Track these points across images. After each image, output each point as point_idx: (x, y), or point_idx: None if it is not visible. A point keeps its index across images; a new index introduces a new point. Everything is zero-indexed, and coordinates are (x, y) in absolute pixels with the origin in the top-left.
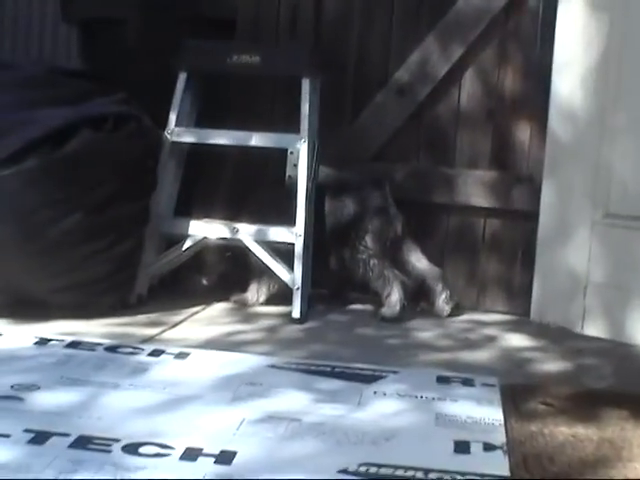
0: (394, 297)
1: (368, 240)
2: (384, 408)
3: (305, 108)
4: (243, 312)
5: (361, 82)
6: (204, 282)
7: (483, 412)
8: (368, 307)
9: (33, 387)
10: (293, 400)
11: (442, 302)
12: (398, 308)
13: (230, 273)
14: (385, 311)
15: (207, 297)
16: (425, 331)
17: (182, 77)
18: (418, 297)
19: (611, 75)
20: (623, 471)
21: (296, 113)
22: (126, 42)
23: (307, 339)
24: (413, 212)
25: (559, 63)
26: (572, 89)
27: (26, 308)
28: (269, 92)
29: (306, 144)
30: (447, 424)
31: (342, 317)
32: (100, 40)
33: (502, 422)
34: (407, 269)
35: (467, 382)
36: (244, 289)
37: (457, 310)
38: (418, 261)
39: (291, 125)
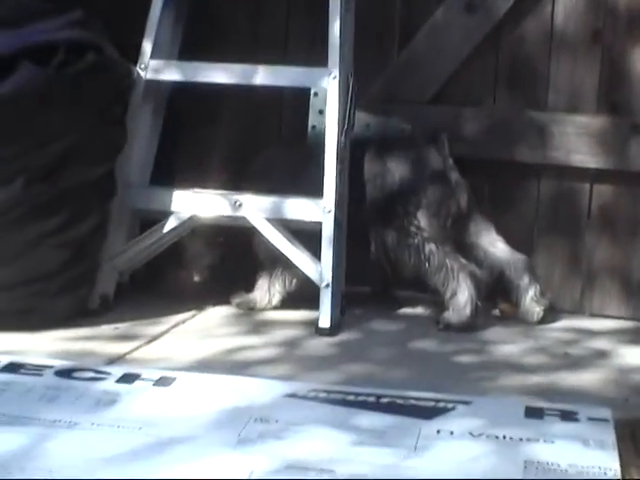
0: (462, 296)
1: (422, 218)
2: (451, 454)
3: (335, 31)
4: (249, 320)
5: None
6: (194, 278)
7: (591, 458)
8: (426, 311)
9: None
10: (322, 443)
11: (530, 302)
12: (468, 312)
13: (230, 265)
14: (450, 316)
15: (198, 299)
16: (507, 344)
17: None
18: (495, 296)
19: None
20: None
21: (322, 39)
22: None
23: (341, 357)
24: (487, 176)
25: None
26: None
27: None
28: (283, 10)
29: (337, 81)
30: (540, 474)
31: (389, 325)
32: None
33: (618, 472)
34: (477, 257)
35: (568, 416)
36: (250, 287)
37: (551, 314)
38: (492, 245)
39: (315, 56)
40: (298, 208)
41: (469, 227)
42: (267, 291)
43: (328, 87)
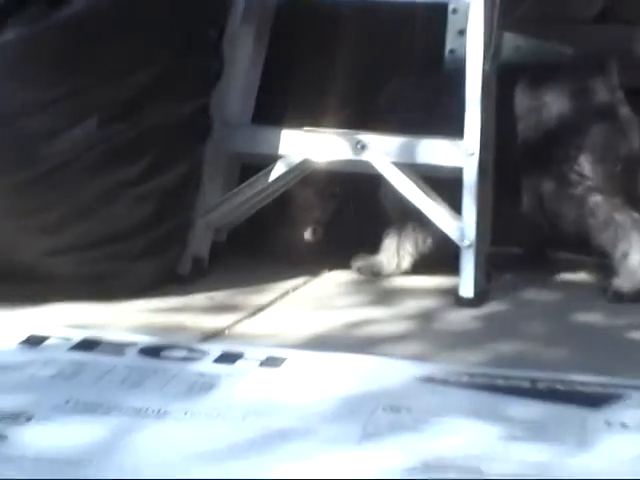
0: (635, 258)
1: (585, 163)
2: (624, 450)
3: None
4: (374, 288)
5: None
6: (305, 237)
7: None
8: (589, 277)
9: (21, 417)
10: (465, 437)
11: None
12: None
13: (350, 222)
14: (620, 283)
15: (311, 263)
16: None
17: None
18: None
19: None
20: None
21: None
22: None
23: (487, 332)
24: None
25: None
26: None
27: (8, 285)
28: None
29: None
30: None
31: (545, 294)
32: None
33: None
34: None
35: None
36: (374, 249)
37: None
38: None
39: None
40: (434, 150)
41: None
42: (395, 252)
43: (470, 2)
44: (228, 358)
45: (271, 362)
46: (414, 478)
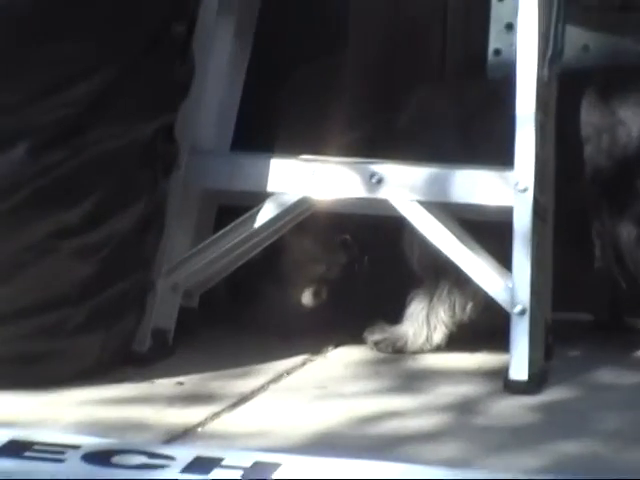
0: None
1: None
2: None
3: None
4: (396, 368)
5: None
6: (305, 301)
7: None
8: None
9: None
10: None
11: None
12: None
13: (364, 281)
14: None
15: (313, 336)
16: None
17: None
18: None
19: None
20: None
21: None
22: None
23: (546, 428)
24: None
25: None
26: None
27: None
28: None
29: None
30: None
31: (627, 376)
32: None
33: None
34: None
35: None
36: (397, 317)
37: None
38: None
39: None
40: (474, 185)
41: None
42: (425, 322)
43: None
44: (202, 466)
45: (260, 471)
46: None
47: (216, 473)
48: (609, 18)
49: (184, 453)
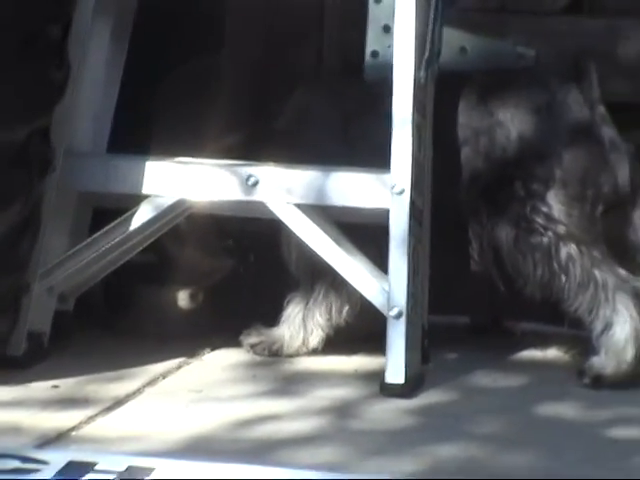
0: (620, 331)
1: (555, 202)
2: None
3: None
4: (273, 372)
5: None
6: (182, 304)
7: None
8: (560, 355)
9: None
10: None
11: None
12: (629, 356)
13: (242, 283)
14: (602, 363)
15: (190, 339)
16: None
17: None
18: None
19: None
20: None
21: None
22: None
23: (422, 432)
24: None
25: None
26: None
27: None
28: None
29: None
30: None
31: (502, 379)
32: None
33: None
34: None
35: None
36: (273, 319)
37: None
38: None
39: None
40: (351, 187)
41: (633, 218)
42: (301, 325)
43: None
44: (75, 471)
45: (133, 475)
46: None
47: (89, 478)
48: (486, 20)
49: (57, 457)
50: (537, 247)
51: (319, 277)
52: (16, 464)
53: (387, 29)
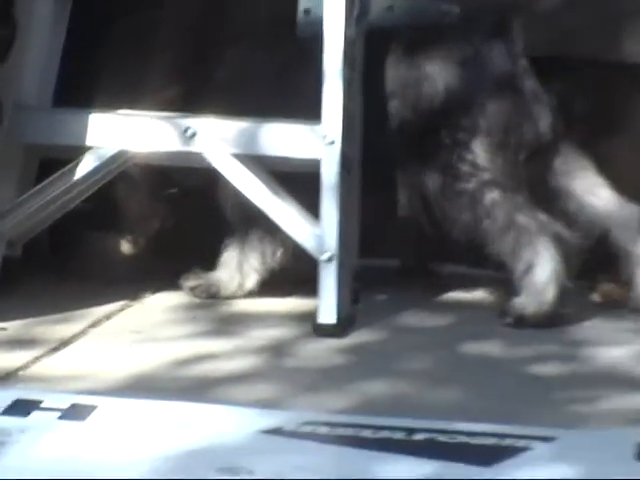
0: (541, 273)
1: (479, 150)
2: None
3: None
4: (210, 313)
5: None
6: (124, 249)
7: None
8: (484, 296)
9: None
10: None
11: None
12: (550, 296)
13: (181, 229)
14: (523, 304)
15: (132, 282)
16: (610, 346)
17: None
18: (594, 270)
19: None
20: None
21: None
22: None
23: (352, 369)
24: (583, 86)
25: None
26: None
27: None
28: None
29: None
30: None
31: (429, 319)
32: None
33: None
34: (567, 210)
35: None
36: (212, 263)
37: None
38: (591, 192)
39: None
40: (284, 138)
41: (554, 164)
42: (237, 269)
43: None
44: (21, 408)
45: (76, 413)
46: None
47: (35, 415)
48: None
49: (4, 396)
50: (463, 193)
51: (254, 223)
52: None
53: None
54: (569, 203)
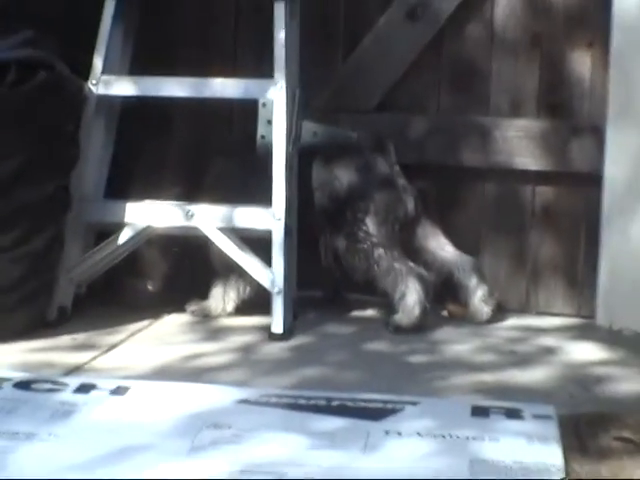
0: (410, 299)
1: (370, 223)
2: (399, 453)
3: (280, 42)
4: (205, 327)
5: (357, 2)
6: (149, 288)
7: (535, 454)
8: (376, 314)
9: None
10: (275, 448)
11: (478, 302)
12: (417, 313)
13: (185, 274)
14: (399, 318)
15: (154, 308)
16: (456, 343)
17: (110, 3)
18: (444, 297)
19: None
20: None
21: (268, 49)
22: None
23: (294, 361)
24: (434, 181)
25: None
26: None
27: None
28: (230, 22)
29: (283, 92)
30: (486, 472)
31: (341, 328)
32: None
33: (562, 467)
34: (426, 260)
35: (513, 414)
36: (205, 295)
37: (499, 313)
38: (441, 248)
39: (262, 67)
40: (249, 216)
41: (417, 231)
42: (221, 299)
43: (275, 98)
44: (84, 389)
45: (119, 391)
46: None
47: (93, 393)
48: (328, 116)
49: (74, 381)
50: (360, 251)
51: (232, 270)
52: (50, 386)
53: (270, 122)
54: (427, 255)
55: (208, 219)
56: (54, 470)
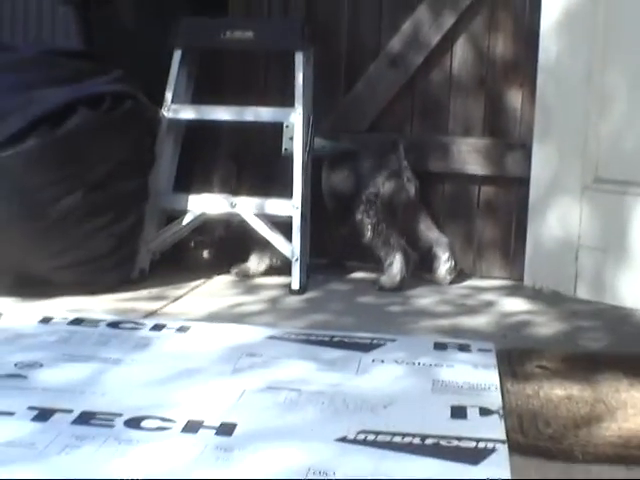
0: (395, 267)
1: (379, 205)
2: (382, 375)
3: (299, 81)
4: (244, 284)
5: (354, 53)
6: (205, 255)
7: (479, 377)
8: (368, 275)
9: (36, 365)
10: (292, 370)
11: (445, 271)
12: (398, 279)
13: (231, 247)
14: (384, 281)
15: (208, 270)
16: (424, 298)
17: (177, 54)
18: (423, 265)
19: (599, 39)
20: (617, 432)
21: (290, 86)
22: (121, 20)
23: (307, 309)
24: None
25: (547, 28)
26: (560, 54)
27: (30, 287)
28: (263, 66)
29: (301, 117)
30: (444, 390)
31: (342, 286)
32: (96, 19)
33: (498, 386)
34: (417, 236)
35: (463, 348)
36: (245, 260)
37: (457, 277)
38: (428, 229)
39: (286, 98)
40: (276, 206)
41: (414, 214)
42: (257, 262)
43: (295, 121)
44: (157, 328)
45: (183, 329)
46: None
47: (163, 331)
48: (333, 134)
49: (151, 322)
50: (369, 223)
51: (263, 244)
52: (133, 325)
53: (291, 138)
54: (418, 233)
55: (247, 207)
56: (133, 385)
